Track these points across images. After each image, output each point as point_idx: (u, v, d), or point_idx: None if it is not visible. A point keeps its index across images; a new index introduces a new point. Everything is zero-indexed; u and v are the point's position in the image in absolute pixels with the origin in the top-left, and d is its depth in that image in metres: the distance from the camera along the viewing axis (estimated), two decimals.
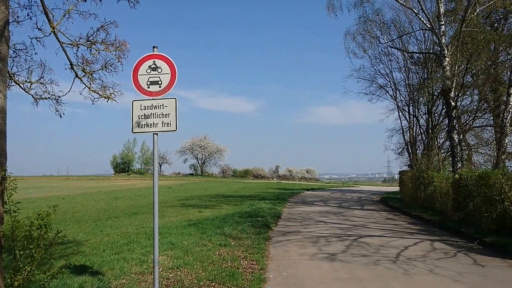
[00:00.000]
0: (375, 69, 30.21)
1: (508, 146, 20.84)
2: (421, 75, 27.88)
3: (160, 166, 73.49)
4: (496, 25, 22.73)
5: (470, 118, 23.57)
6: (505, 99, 17.92)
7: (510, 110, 17.52)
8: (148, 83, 6.00)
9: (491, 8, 19.33)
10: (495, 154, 20.19)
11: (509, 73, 18.14)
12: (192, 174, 70.25)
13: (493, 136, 23.26)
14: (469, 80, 22.37)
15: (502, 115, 17.89)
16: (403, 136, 29.36)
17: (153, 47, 6.08)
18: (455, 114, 18.11)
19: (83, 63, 7.51)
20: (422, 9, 18.90)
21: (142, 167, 77.11)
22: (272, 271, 7.49)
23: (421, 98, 27.04)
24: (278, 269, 7.65)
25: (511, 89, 17.21)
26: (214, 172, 71.19)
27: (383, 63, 29.78)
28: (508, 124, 17.69)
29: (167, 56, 6.08)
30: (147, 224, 12.53)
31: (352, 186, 48.53)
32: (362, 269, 7.66)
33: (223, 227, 11.46)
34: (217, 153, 69.86)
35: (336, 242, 10.43)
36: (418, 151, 27.37)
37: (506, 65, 20.47)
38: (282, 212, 16.93)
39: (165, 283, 6.36)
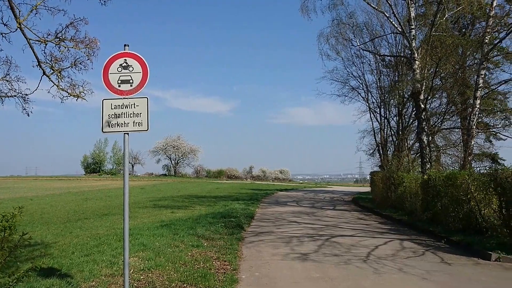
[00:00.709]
0: (347, 71, 30.60)
1: (474, 147, 21.50)
2: (392, 77, 28.44)
3: (133, 166, 72.44)
4: (464, 30, 23.46)
5: (439, 120, 24.21)
6: (471, 102, 18.47)
7: (476, 113, 18.06)
8: (119, 81, 5.89)
9: (459, 13, 19.93)
10: (462, 155, 20.78)
11: (475, 77, 18.69)
12: (165, 175, 69.50)
13: (460, 138, 23.97)
14: (438, 83, 22.99)
15: (468, 118, 18.42)
16: (375, 138, 29.85)
17: (125, 45, 5.97)
18: (424, 116, 18.56)
19: (51, 60, 7.29)
20: (393, 13, 19.31)
21: (114, 167, 75.79)
22: (244, 271, 7.47)
23: (392, 100, 27.57)
24: (250, 269, 7.64)
25: (477, 93, 17.73)
26: (188, 173, 70.70)
27: (355, 65, 30.20)
28: (474, 127, 18.22)
29: (138, 55, 5.98)
30: (118, 226, 12.32)
31: (325, 187, 49.04)
32: (334, 269, 7.74)
33: (196, 228, 11.38)
34: (191, 153, 69.41)
35: (308, 242, 10.51)
36: (389, 152, 27.88)
37: (473, 69, 21.09)
38: (256, 212, 16.94)
39: (136, 285, 6.25)
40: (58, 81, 7.43)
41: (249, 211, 16.65)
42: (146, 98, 5.92)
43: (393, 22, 19.70)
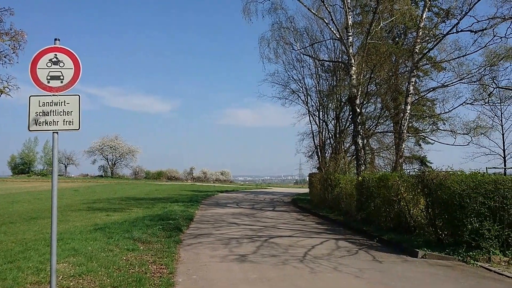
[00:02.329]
0: (288, 75, 31.07)
1: (405, 150, 22.70)
2: (330, 82, 29.25)
3: (66, 167, 69.17)
4: (397, 39, 24.70)
5: (373, 124, 25.27)
6: (403, 107, 19.44)
7: (407, 118, 19.05)
8: (49, 77, 5.57)
9: (393, 23, 20.96)
10: (394, 158, 21.86)
11: (406, 84, 19.74)
12: (101, 176, 66.90)
13: (393, 141, 25.19)
14: (373, 89, 24.00)
15: (400, 122, 19.38)
16: (313, 140, 30.55)
17: (55, 39, 5.66)
18: (360, 120, 19.30)
19: None
20: (332, 20, 19.91)
21: (45, 168, 71.88)
22: (181, 274, 7.35)
23: (330, 104, 28.40)
24: (187, 272, 7.53)
25: (408, 99, 18.72)
26: (126, 174, 68.54)
27: (296, 69, 30.73)
28: (405, 131, 19.21)
29: (70, 50, 5.70)
30: (48, 230, 11.62)
31: (266, 188, 49.56)
32: (271, 269, 7.82)
33: (132, 231, 11.03)
34: (129, 154, 67.34)
35: (247, 243, 10.55)
36: (326, 154, 28.65)
37: (405, 77, 22.28)
38: (195, 214, 16.76)
39: None
40: None
41: (189, 213, 16.44)
42: (78, 96, 5.66)
43: (332, 29, 20.31)
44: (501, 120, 25.89)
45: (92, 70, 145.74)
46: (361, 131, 19.16)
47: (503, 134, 26.08)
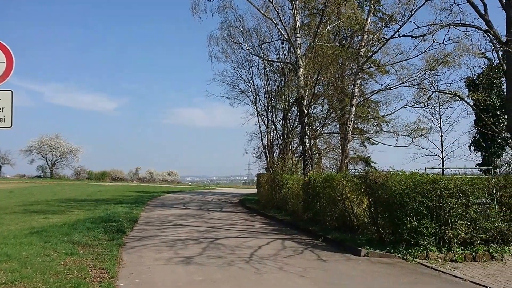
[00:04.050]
0: (237, 74, 31.00)
1: (350, 151, 23.35)
2: (279, 82, 29.51)
3: (0, 167, 65.02)
4: (343, 42, 25.35)
5: (320, 125, 25.80)
6: (348, 109, 19.94)
7: (352, 119, 19.57)
8: None
9: (340, 26, 21.49)
10: (340, 158, 22.40)
11: (352, 86, 20.29)
12: (40, 177, 63.41)
13: (339, 142, 25.84)
14: (320, 90, 24.50)
15: (346, 123, 19.87)
16: (262, 140, 30.71)
17: None
18: (307, 121, 19.61)
19: None
20: (281, 20, 20.09)
21: None
22: (123, 278, 7.12)
23: (278, 104, 28.64)
24: (130, 276, 7.31)
25: (353, 100, 19.23)
26: (67, 175, 65.22)
27: (245, 69, 30.73)
28: (350, 132, 19.73)
29: (2, 42, 5.30)
30: None
31: (214, 189, 49.23)
32: (217, 271, 7.77)
33: (71, 234, 10.53)
34: (71, 153, 64.18)
35: (193, 245, 10.43)
36: (274, 154, 28.89)
37: (351, 79, 22.89)
38: (140, 216, 16.31)
39: None
40: None
41: (133, 214, 15.97)
42: (11, 91, 5.29)
43: (281, 30, 20.50)
44: (440, 123, 27.28)
45: (33, 65, 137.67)
46: (308, 131, 19.48)
47: (441, 136, 27.47)
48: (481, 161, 25.00)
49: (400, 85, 19.42)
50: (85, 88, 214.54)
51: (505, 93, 16.26)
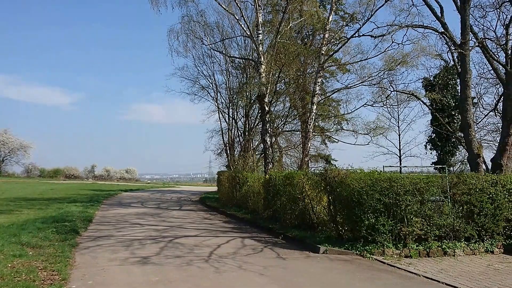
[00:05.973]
0: (198, 70, 30.50)
1: (311, 149, 23.49)
2: (240, 79, 29.27)
3: None
4: (306, 40, 25.49)
5: (282, 123, 25.87)
6: (310, 107, 20.03)
7: (313, 117, 19.67)
8: None
9: (302, 24, 21.53)
10: (301, 156, 22.49)
11: (313, 84, 20.38)
12: None
13: (300, 140, 25.97)
14: (282, 88, 24.51)
15: (307, 121, 19.96)
16: (223, 138, 30.38)
17: None
18: (268, 119, 19.55)
19: None
20: (243, 16, 19.85)
21: None
22: (75, 280, 6.82)
23: (240, 101, 28.42)
24: (83, 278, 7.02)
25: (314, 98, 19.32)
26: (17, 172, 62.36)
27: (206, 65, 30.29)
28: (311, 130, 19.81)
29: None
30: None
31: (173, 187, 48.46)
32: (174, 271, 7.61)
33: (20, 235, 10.01)
34: (21, 149, 61.34)
35: (150, 244, 10.17)
36: (235, 152, 28.71)
37: (312, 77, 23.02)
38: (95, 215, 15.73)
39: None
40: None
41: (87, 214, 15.37)
42: None
43: (243, 25, 20.26)
44: (398, 122, 28.09)
45: None
46: (269, 129, 19.42)
47: (399, 135, 28.34)
48: (436, 160, 25.86)
49: (360, 84, 19.75)
50: (36, 81, 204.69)
51: (459, 94, 16.72)
